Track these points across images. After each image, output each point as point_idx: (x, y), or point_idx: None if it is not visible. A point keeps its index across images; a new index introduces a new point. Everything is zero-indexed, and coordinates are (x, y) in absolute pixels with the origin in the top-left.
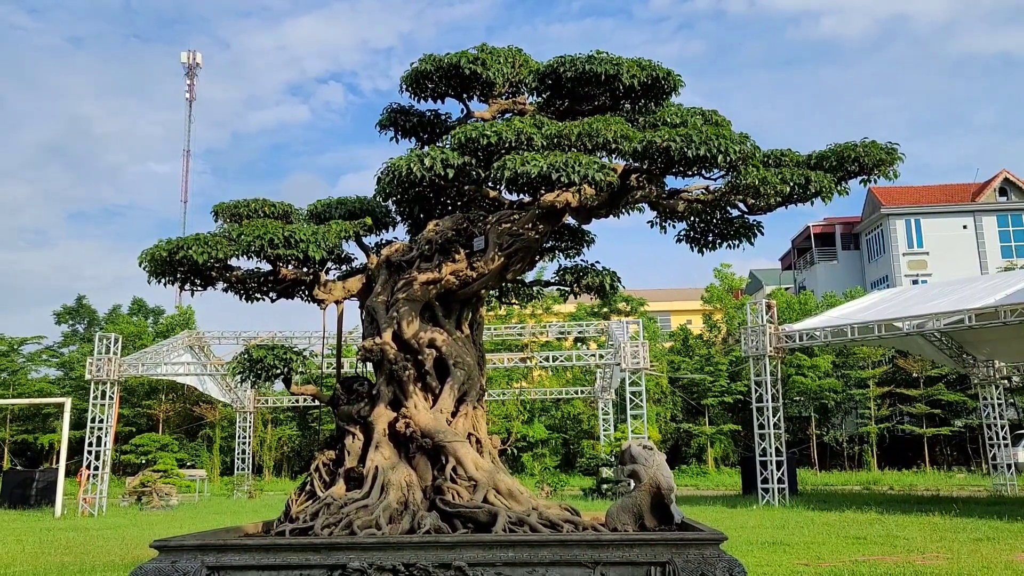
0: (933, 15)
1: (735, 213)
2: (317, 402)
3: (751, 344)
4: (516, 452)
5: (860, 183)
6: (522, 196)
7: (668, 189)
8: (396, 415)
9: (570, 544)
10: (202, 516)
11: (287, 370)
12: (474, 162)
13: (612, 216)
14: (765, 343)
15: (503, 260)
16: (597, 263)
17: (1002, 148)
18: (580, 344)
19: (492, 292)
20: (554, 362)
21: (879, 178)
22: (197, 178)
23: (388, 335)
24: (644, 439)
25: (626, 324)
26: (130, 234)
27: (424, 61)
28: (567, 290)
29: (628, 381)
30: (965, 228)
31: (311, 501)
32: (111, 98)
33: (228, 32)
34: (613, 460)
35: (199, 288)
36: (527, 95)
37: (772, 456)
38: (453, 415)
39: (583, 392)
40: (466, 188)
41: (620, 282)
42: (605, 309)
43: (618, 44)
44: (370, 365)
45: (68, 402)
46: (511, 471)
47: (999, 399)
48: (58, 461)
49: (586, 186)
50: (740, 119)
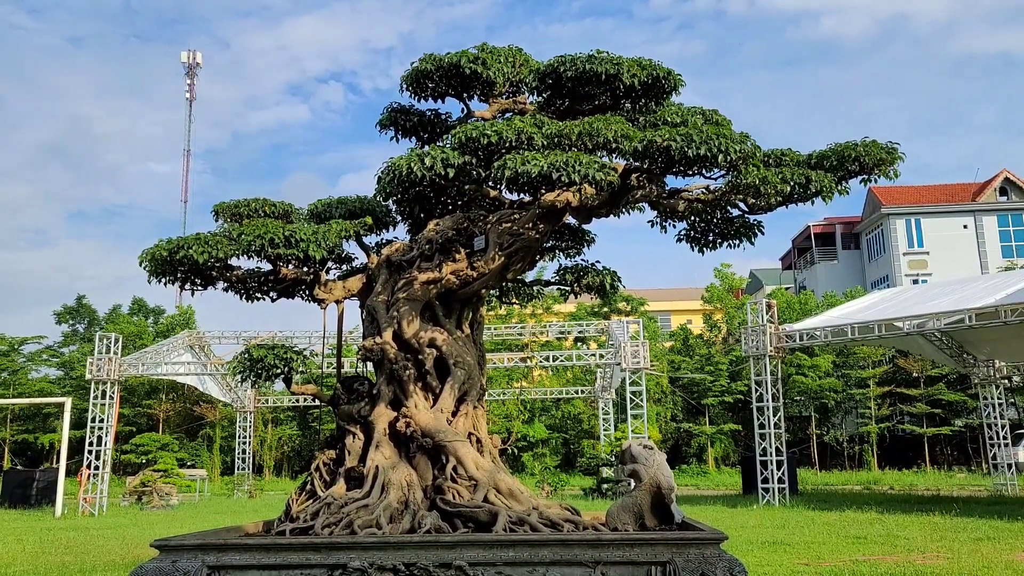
0: (933, 15)
1: (735, 213)
2: (317, 402)
3: (751, 344)
4: (516, 452)
5: (860, 183)
6: (522, 196)
7: (668, 189)
8: (396, 415)
9: (571, 544)
10: (202, 516)
11: (287, 369)
12: (474, 161)
13: (612, 216)
14: (765, 343)
15: (503, 260)
16: (597, 263)
17: (1002, 148)
18: (580, 344)
19: (492, 292)
20: (554, 362)
21: (879, 178)
22: (197, 178)
23: (388, 335)
24: (644, 439)
25: (626, 324)
26: (130, 234)
27: (424, 61)
28: (567, 290)
29: (628, 381)
30: (965, 228)
31: (311, 501)
32: (111, 98)
33: (228, 32)
34: (613, 460)
35: (199, 288)
36: (527, 95)
37: (772, 456)
38: (453, 415)
39: (583, 392)
40: (466, 188)
41: (620, 282)
42: (605, 309)
43: (618, 44)
44: (370, 365)
45: (68, 402)
46: (511, 471)
47: (999, 399)
48: (58, 461)
49: (586, 186)
50: (740, 119)
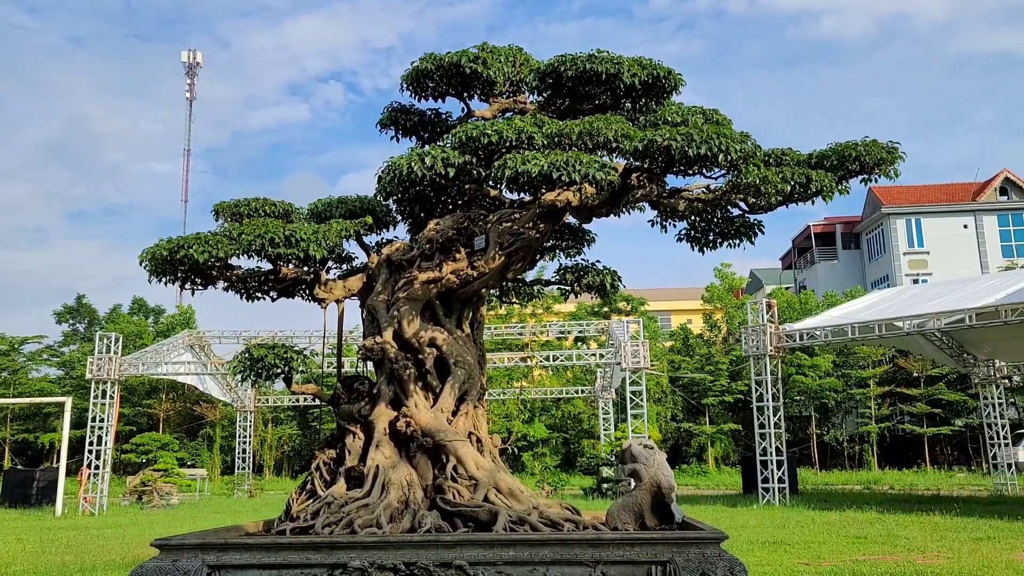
0: (933, 14)
1: (736, 212)
2: (318, 401)
3: (751, 343)
4: (517, 451)
5: (861, 182)
6: (523, 195)
7: (669, 188)
8: (397, 414)
9: (571, 543)
10: (202, 515)
11: (288, 369)
12: (475, 161)
13: (613, 215)
14: (765, 342)
15: (504, 259)
16: (598, 262)
17: (1002, 147)
18: (580, 343)
19: (493, 291)
20: (554, 361)
21: (880, 177)
22: (197, 177)
23: (389, 334)
24: (644, 438)
25: (626, 323)
26: (130, 233)
27: (425, 60)
28: (567, 289)
29: (628, 380)
30: (966, 227)
31: (312, 500)
32: (111, 97)
33: (228, 31)
34: (613, 459)
35: (200, 287)
36: (528, 94)
37: (772, 455)
38: (454, 414)
39: (583, 391)
40: (467, 187)
41: (620, 281)
42: (605, 308)
43: (618, 44)
44: (371, 364)
45: (68, 401)
46: (512, 470)
47: (999, 398)
48: (59, 460)
49: (587, 185)
50: (740, 118)
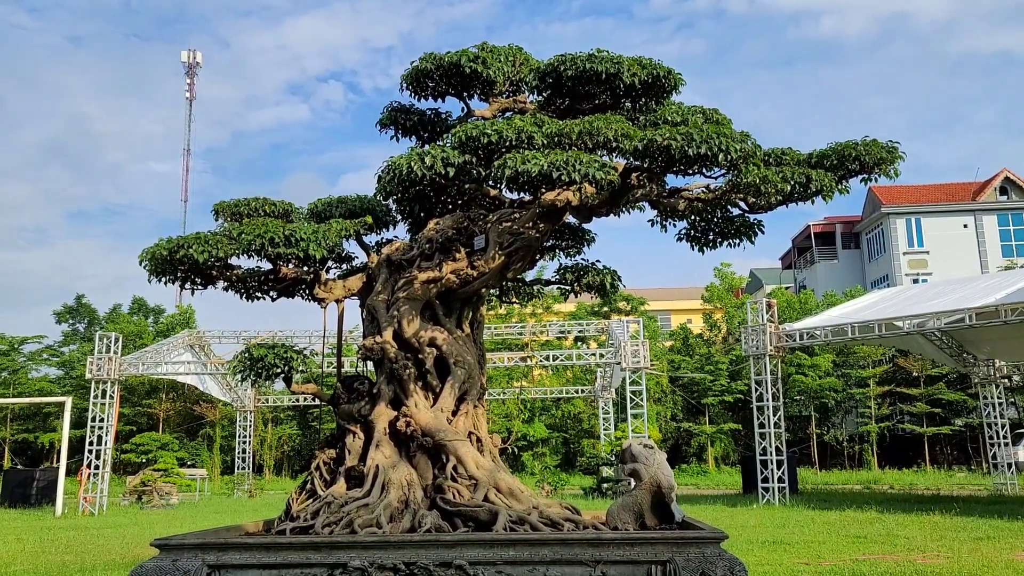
0: (933, 14)
1: (736, 212)
2: (318, 401)
3: (751, 343)
4: (516, 451)
5: (861, 182)
6: (523, 195)
7: (669, 188)
8: (397, 414)
9: (571, 543)
10: (202, 515)
11: (287, 369)
12: (475, 161)
13: (613, 215)
14: (765, 342)
15: (504, 259)
16: (597, 262)
17: (1002, 147)
18: (580, 343)
19: (492, 291)
20: (554, 361)
21: (880, 177)
22: (197, 177)
23: (389, 334)
24: (644, 438)
25: (626, 323)
26: (130, 233)
27: (425, 60)
28: (567, 289)
29: (628, 380)
30: (965, 227)
31: (312, 500)
32: (111, 97)
33: (228, 31)
34: (613, 459)
35: (199, 287)
36: (528, 94)
37: (772, 455)
38: (454, 414)
39: (583, 391)
40: (467, 187)
41: (620, 281)
42: (605, 308)
43: (618, 43)
44: (371, 364)
45: (68, 401)
46: (512, 470)
47: (999, 398)
48: (58, 460)
49: (587, 185)
50: (740, 118)
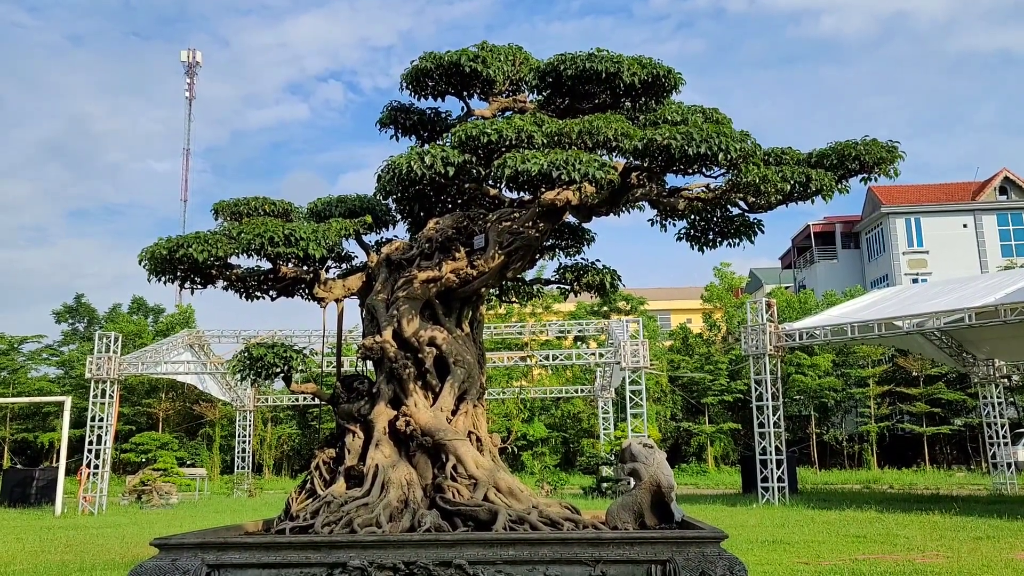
0: (933, 13)
1: (735, 211)
2: (317, 400)
3: (751, 343)
4: (516, 451)
5: (861, 181)
6: (522, 194)
7: (669, 187)
8: (396, 413)
9: (570, 542)
10: (202, 514)
11: (287, 368)
12: (474, 160)
13: (612, 214)
14: (765, 342)
15: (503, 258)
16: (597, 261)
17: (1002, 146)
18: (580, 343)
19: (492, 290)
20: (554, 361)
21: (880, 176)
22: (197, 176)
23: (388, 333)
24: (644, 437)
25: (626, 323)
26: (130, 232)
27: (424, 59)
28: (567, 288)
29: (628, 380)
30: (965, 227)
31: (311, 499)
32: (111, 96)
33: (228, 30)
34: (613, 459)
35: (199, 286)
36: (527, 93)
37: (772, 455)
38: (453, 413)
39: (583, 391)
40: (466, 186)
41: (620, 280)
42: (605, 308)
43: (618, 42)
44: (370, 363)
45: (68, 401)
46: (511, 469)
47: (999, 398)
48: (58, 460)
49: (586, 184)
50: (740, 117)
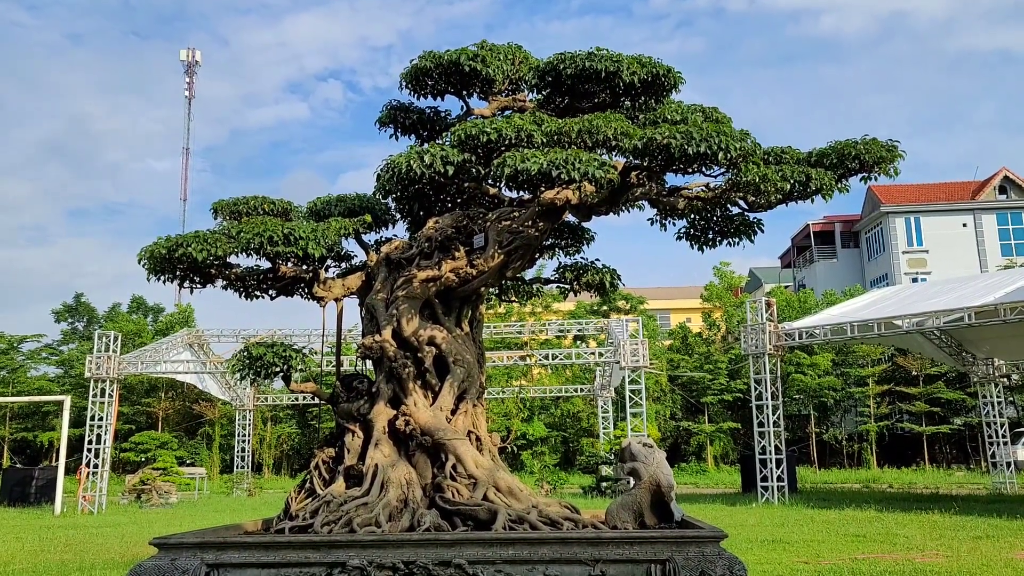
0: (932, 12)
1: (735, 210)
2: (317, 399)
3: (751, 342)
4: (516, 450)
5: (861, 181)
6: (522, 193)
7: (668, 186)
8: (396, 413)
9: (570, 542)
10: (201, 514)
11: (286, 368)
12: (474, 159)
13: (612, 213)
14: (765, 341)
15: (503, 257)
16: (597, 261)
17: (1002, 145)
18: (579, 342)
19: (492, 290)
20: (553, 360)
21: (880, 176)
22: (196, 176)
23: (388, 333)
24: (644, 437)
25: (625, 322)
26: (130, 231)
27: (424, 58)
28: (567, 288)
29: (627, 379)
30: (965, 226)
31: (311, 499)
32: (110, 95)
33: (227, 29)
34: (612, 458)
35: (198, 286)
36: (527, 92)
37: (772, 454)
38: (453, 413)
39: (582, 390)
40: (466, 185)
41: (620, 280)
42: (604, 307)
43: (617, 41)
44: (370, 363)
45: (67, 400)
46: (511, 469)
47: (998, 397)
48: (58, 459)
49: (586, 183)
50: (740, 116)
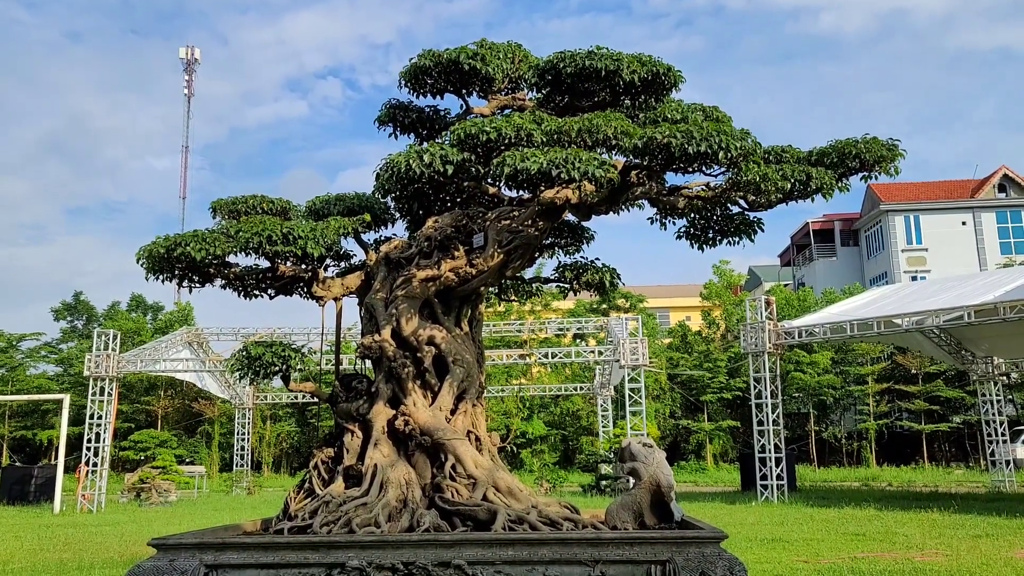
0: (932, 9)
1: (735, 210)
2: (316, 399)
3: (750, 340)
4: (515, 448)
5: (861, 179)
6: (522, 192)
7: (668, 186)
8: (395, 413)
9: (570, 542)
10: (201, 512)
11: (285, 368)
12: (473, 158)
13: (612, 212)
14: (764, 340)
15: (503, 257)
16: (596, 260)
17: (1001, 143)
18: (579, 340)
19: (491, 289)
20: (553, 358)
21: (880, 175)
22: (196, 174)
23: (387, 332)
24: (644, 437)
25: (625, 320)
26: (129, 230)
27: (423, 57)
28: (567, 287)
29: (627, 377)
30: (964, 224)
31: (310, 499)
32: (110, 93)
33: (227, 27)
34: (612, 456)
35: (197, 285)
36: (527, 91)
37: (771, 452)
38: (452, 413)
39: (582, 388)
40: (465, 184)
41: (619, 279)
42: (604, 305)
43: (617, 40)
44: (369, 362)
45: (67, 398)
46: (510, 467)
47: (997, 395)
48: (57, 457)
49: (586, 183)
50: (740, 114)
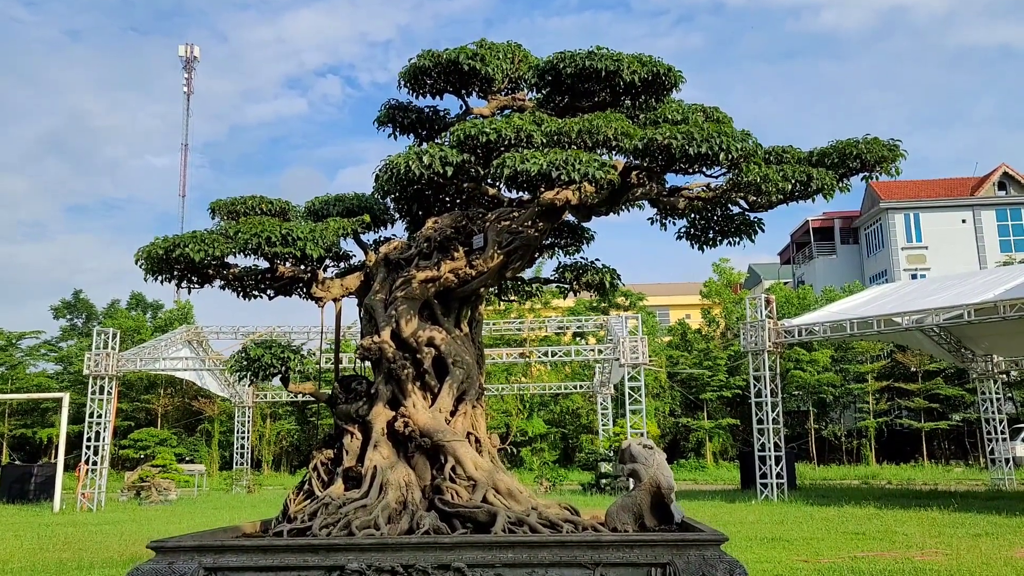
0: (932, 7)
1: (736, 210)
2: (315, 399)
3: (750, 339)
4: (515, 448)
5: (862, 179)
6: (522, 194)
7: (669, 186)
8: (395, 414)
9: (570, 545)
10: (200, 511)
11: (284, 369)
12: (473, 159)
13: (612, 213)
14: (764, 338)
15: (502, 258)
16: (596, 260)
17: (1001, 141)
18: (579, 339)
19: (491, 290)
20: (553, 357)
21: (881, 175)
22: (195, 172)
23: (387, 333)
24: (644, 438)
25: (625, 319)
26: (129, 228)
27: (422, 57)
28: (566, 288)
29: (627, 376)
30: (964, 222)
31: (309, 501)
32: (109, 91)
33: (226, 25)
34: (612, 455)
35: (196, 286)
36: (527, 91)
37: (771, 451)
38: (452, 414)
39: (582, 387)
40: (465, 185)
41: (619, 279)
42: (604, 304)
43: (617, 37)
44: (368, 363)
45: (66, 397)
46: (509, 466)
47: (997, 393)
48: (56, 456)
49: (586, 184)
50: (740, 112)
